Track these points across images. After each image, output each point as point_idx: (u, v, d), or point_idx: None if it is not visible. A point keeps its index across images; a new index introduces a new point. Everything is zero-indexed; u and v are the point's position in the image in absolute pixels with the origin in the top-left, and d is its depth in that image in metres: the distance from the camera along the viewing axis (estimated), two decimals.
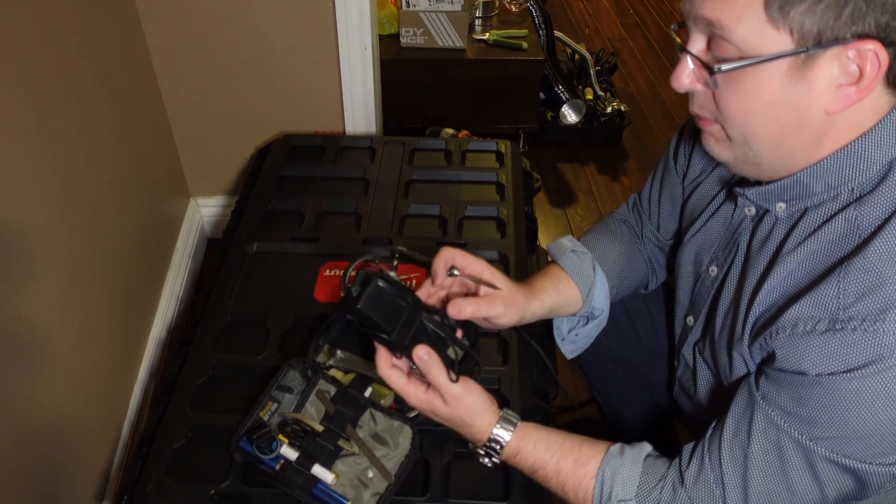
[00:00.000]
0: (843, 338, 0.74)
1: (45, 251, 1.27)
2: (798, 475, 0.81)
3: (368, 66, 1.90)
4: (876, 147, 0.77)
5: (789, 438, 0.81)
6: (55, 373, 1.28)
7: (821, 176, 0.81)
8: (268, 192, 1.59)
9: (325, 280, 1.38)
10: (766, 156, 0.82)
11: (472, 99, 2.54)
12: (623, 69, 3.25)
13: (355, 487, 1.04)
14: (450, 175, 1.66)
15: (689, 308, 1.07)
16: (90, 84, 1.50)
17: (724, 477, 0.85)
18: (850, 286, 0.75)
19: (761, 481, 0.83)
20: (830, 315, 0.76)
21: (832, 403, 0.76)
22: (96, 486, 1.45)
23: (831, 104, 0.75)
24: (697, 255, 1.04)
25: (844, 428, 0.77)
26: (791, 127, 0.78)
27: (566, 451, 0.94)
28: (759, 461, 0.83)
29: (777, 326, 0.81)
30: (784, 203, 0.86)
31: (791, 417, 0.80)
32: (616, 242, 1.21)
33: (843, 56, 0.72)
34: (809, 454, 0.80)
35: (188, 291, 2.04)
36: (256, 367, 1.21)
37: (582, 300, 1.15)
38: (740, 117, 0.80)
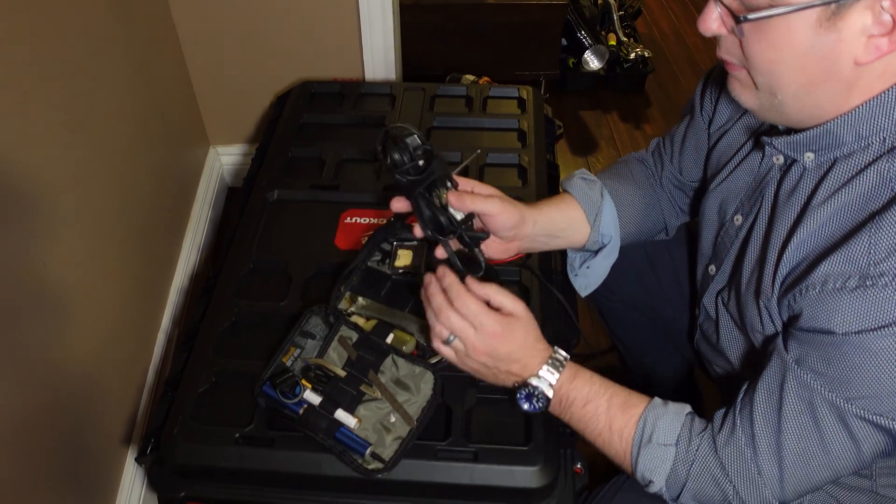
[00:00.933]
0: (873, 294, 0.73)
1: (68, 201, 1.28)
2: (833, 434, 0.81)
3: (388, 11, 1.87)
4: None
5: (822, 399, 0.80)
6: (79, 321, 1.30)
7: (851, 125, 0.79)
8: (287, 140, 1.58)
9: (346, 227, 1.37)
10: (792, 105, 0.80)
11: (493, 45, 2.50)
12: (647, 14, 3.18)
13: (378, 432, 1.05)
14: (471, 122, 1.63)
15: (712, 257, 1.05)
16: (109, 34, 1.49)
17: (756, 440, 0.85)
18: (882, 241, 0.74)
19: (796, 443, 0.83)
20: (861, 271, 0.74)
21: (864, 362, 0.75)
22: (123, 431, 1.48)
23: (862, 55, 0.73)
24: (722, 203, 1.02)
25: (877, 386, 0.76)
26: (819, 77, 0.76)
27: (617, 391, 0.95)
28: (793, 423, 0.82)
29: (807, 283, 0.80)
30: (812, 153, 0.84)
31: (823, 378, 0.79)
32: (632, 180, 1.20)
33: (876, 5, 0.69)
34: (843, 413, 0.79)
35: (209, 240, 2.05)
36: (279, 313, 1.21)
37: (589, 224, 1.14)
38: (767, 66, 0.78)
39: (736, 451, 0.86)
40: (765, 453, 0.84)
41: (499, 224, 1.05)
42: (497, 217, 1.03)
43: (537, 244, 1.13)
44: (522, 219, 1.07)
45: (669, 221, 1.23)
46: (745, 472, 0.85)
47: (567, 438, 1.08)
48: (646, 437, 0.91)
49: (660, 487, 0.91)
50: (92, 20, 1.41)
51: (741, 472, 0.86)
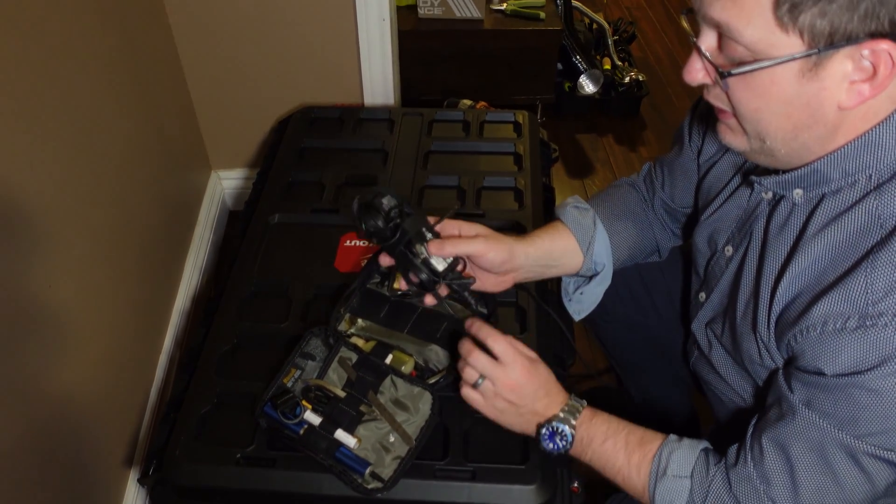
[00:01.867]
0: (874, 334, 0.75)
1: (71, 224, 1.30)
2: (846, 471, 0.82)
3: (387, 37, 1.91)
4: (893, 134, 0.77)
5: (832, 438, 0.81)
6: (82, 343, 1.32)
7: (838, 164, 0.80)
8: (288, 164, 1.61)
9: (346, 251, 1.40)
10: (780, 149, 0.82)
11: (490, 70, 2.54)
12: (641, 39, 3.22)
13: (377, 451, 1.07)
14: (468, 146, 1.66)
15: (703, 283, 1.08)
16: (112, 58, 1.52)
17: (769, 477, 0.87)
18: (878, 281, 0.75)
19: (810, 479, 0.84)
20: (860, 311, 0.76)
21: (870, 401, 0.77)
22: (125, 452, 1.49)
23: (844, 100, 0.74)
24: (713, 234, 1.04)
25: (884, 423, 0.78)
26: (804, 123, 0.78)
27: (633, 429, 0.99)
28: (804, 461, 0.84)
29: (807, 324, 0.81)
30: (801, 189, 0.86)
31: (831, 418, 0.81)
32: (623, 205, 1.22)
33: (856, 54, 0.71)
34: (854, 451, 0.81)
35: (211, 263, 2.07)
36: (280, 335, 1.23)
37: (582, 253, 1.17)
38: (753, 114, 0.80)
39: (750, 487, 0.88)
40: (779, 490, 0.87)
41: (487, 262, 1.08)
42: (484, 256, 1.07)
43: (532, 274, 1.16)
44: (511, 254, 1.10)
45: (662, 244, 1.25)
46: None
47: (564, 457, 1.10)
48: (661, 470, 0.94)
49: None
50: (95, 44, 1.44)
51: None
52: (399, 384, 1.13)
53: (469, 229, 1.09)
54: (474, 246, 1.06)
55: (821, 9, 0.69)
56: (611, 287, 1.24)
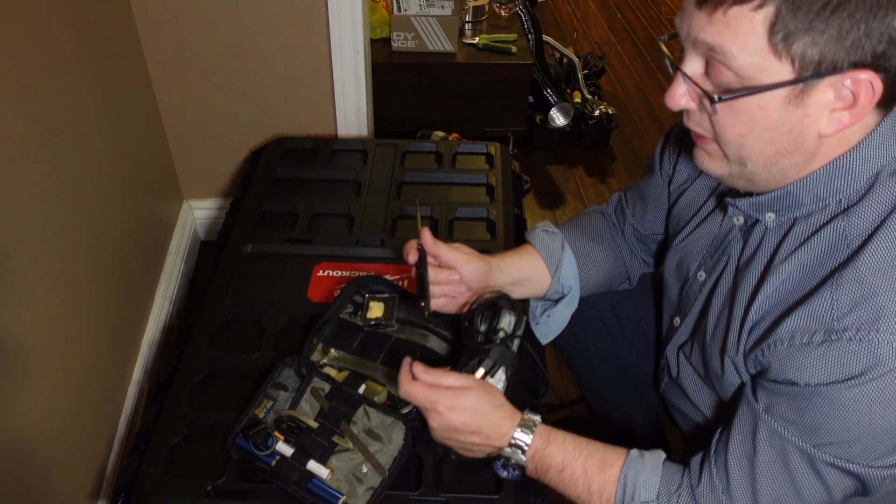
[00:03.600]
0: (839, 348, 0.77)
1: (40, 253, 1.28)
2: (804, 479, 0.84)
3: (360, 69, 1.93)
4: (863, 161, 0.80)
5: (793, 447, 0.83)
6: (49, 373, 1.30)
7: (810, 188, 0.83)
8: (262, 194, 1.61)
9: (319, 280, 1.40)
10: (760, 174, 0.84)
11: (463, 102, 2.57)
12: (611, 73, 3.29)
13: (350, 482, 1.06)
14: (440, 177, 1.68)
15: (677, 309, 1.09)
16: (84, 87, 1.51)
17: (732, 489, 0.88)
18: (843, 297, 0.77)
19: (770, 488, 0.86)
20: (825, 326, 0.78)
21: (831, 412, 0.79)
22: (92, 486, 1.46)
23: (825, 127, 0.77)
24: (684, 259, 1.06)
25: (845, 433, 0.80)
26: (786, 149, 0.80)
27: (592, 451, 0.97)
28: (766, 469, 0.86)
29: (774, 339, 0.83)
30: (773, 213, 0.88)
31: (793, 426, 0.83)
32: (593, 231, 1.25)
33: (838, 83, 0.74)
34: (814, 460, 0.83)
35: (182, 293, 2.05)
36: (252, 365, 1.22)
37: (550, 275, 1.19)
38: (737, 139, 0.81)
39: (714, 500, 0.89)
40: (741, 500, 0.88)
41: (467, 274, 1.10)
42: (465, 266, 1.09)
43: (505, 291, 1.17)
44: (489, 267, 1.13)
45: (632, 271, 1.27)
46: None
47: (538, 486, 1.10)
48: (628, 497, 0.93)
49: None
50: (68, 74, 1.44)
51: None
52: (372, 414, 1.13)
53: (450, 244, 1.12)
54: (454, 256, 1.09)
55: (812, 38, 0.71)
56: (582, 316, 1.25)
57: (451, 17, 2.40)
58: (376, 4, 2.48)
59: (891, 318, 0.74)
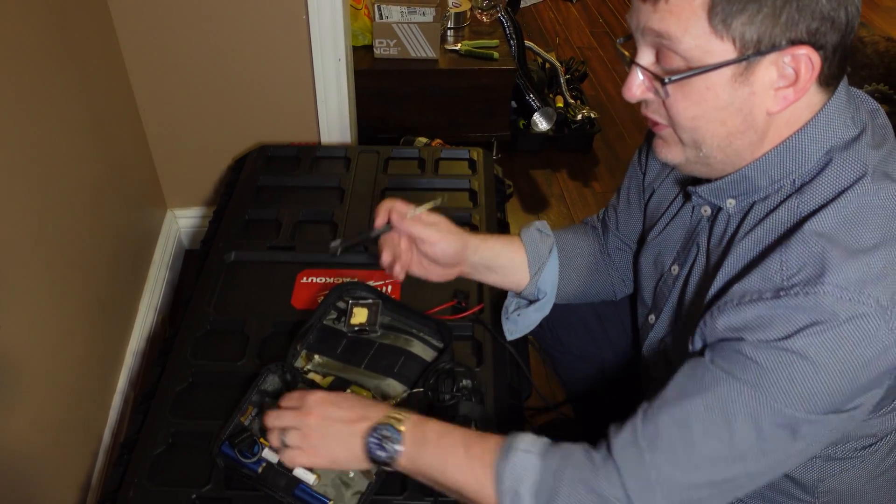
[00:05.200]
0: (786, 303, 0.78)
1: (22, 264, 1.28)
2: (742, 433, 0.81)
3: (342, 76, 1.93)
4: (811, 140, 0.83)
5: (734, 397, 0.81)
6: (33, 384, 1.29)
7: (764, 170, 0.86)
8: (245, 202, 1.61)
9: (302, 287, 1.40)
10: (715, 156, 0.87)
11: (445, 108, 2.58)
12: (593, 77, 3.31)
13: (336, 487, 1.07)
14: (423, 182, 1.69)
15: (652, 307, 1.10)
16: (66, 96, 1.51)
17: (660, 440, 0.84)
18: (792, 258, 0.80)
19: (704, 441, 0.82)
20: (775, 286, 0.80)
21: (775, 365, 0.79)
22: (76, 496, 1.46)
23: (772, 105, 0.81)
24: (659, 255, 1.08)
25: (788, 386, 0.79)
26: (738, 129, 0.83)
27: (471, 430, 0.97)
28: (703, 419, 0.82)
29: (724, 300, 0.84)
30: (734, 199, 0.91)
31: (735, 379, 0.81)
32: (585, 245, 1.25)
33: (779, 61, 0.78)
34: (754, 413, 0.80)
35: (166, 302, 2.05)
36: (236, 373, 1.23)
37: (528, 275, 1.19)
38: (690, 122, 0.85)
39: (635, 452, 0.84)
40: (668, 454, 0.83)
41: (440, 252, 1.11)
42: (437, 244, 1.10)
43: (477, 273, 1.19)
44: (464, 245, 1.13)
45: (618, 290, 1.28)
46: (642, 475, 0.84)
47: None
48: (508, 447, 0.90)
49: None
50: (49, 83, 1.44)
51: (637, 475, 0.84)
52: None
53: (429, 216, 1.12)
54: (428, 232, 1.10)
55: (749, 18, 0.76)
56: (565, 320, 1.26)
57: (432, 23, 2.41)
58: (358, 12, 2.49)
59: (835, 272, 0.76)
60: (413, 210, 1.09)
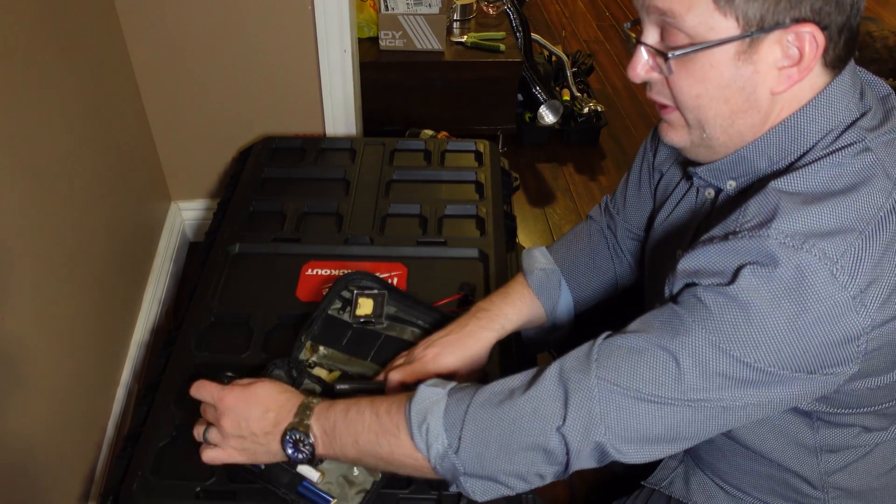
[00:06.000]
0: (731, 245, 0.79)
1: (26, 255, 1.27)
2: (687, 367, 0.80)
3: (348, 68, 1.92)
4: (810, 121, 0.83)
5: (685, 334, 0.80)
6: (36, 376, 1.29)
7: (763, 151, 0.86)
8: (249, 194, 1.60)
9: (307, 279, 1.39)
10: (718, 137, 0.87)
11: (451, 101, 2.56)
12: (599, 71, 3.29)
13: (340, 485, 1.05)
14: (429, 175, 1.68)
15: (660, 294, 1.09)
16: (70, 87, 1.50)
17: (611, 357, 0.83)
18: (749, 208, 0.81)
19: (651, 367, 0.81)
20: (726, 231, 0.81)
21: (722, 307, 0.78)
22: (80, 489, 1.45)
23: (776, 85, 0.81)
24: (667, 239, 1.07)
25: (732, 330, 0.77)
26: (741, 108, 0.83)
27: (380, 397, 0.96)
28: (654, 351, 0.81)
29: (687, 250, 0.85)
30: (734, 181, 0.91)
31: (687, 318, 0.80)
32: (587, 254, 1.24)
33: (783, 39, 0.78)
34: (701, 351, 0.79)
35: (170, 295, 2.04)
36: (240, 366, 1.21)
37: (546, 317, 1.20)
38: (693, 101, 0.84)
39: (584, 365, 0.84)
40: (613, 371, 0.82)
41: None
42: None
43: None
44: (486, 354, 1.13)
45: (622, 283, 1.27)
46: (585, 388, 0.83)
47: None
48: (414, 392, 0.91)
49: (439, 441, 0.87)
50: (53, 75, 1.43)
51: (580, 388, 0.83)
52: None
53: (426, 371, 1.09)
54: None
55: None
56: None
57: (438, 15, 2.39)
58: (364, 3, 2.47)
59: (783, 219, 0.76)
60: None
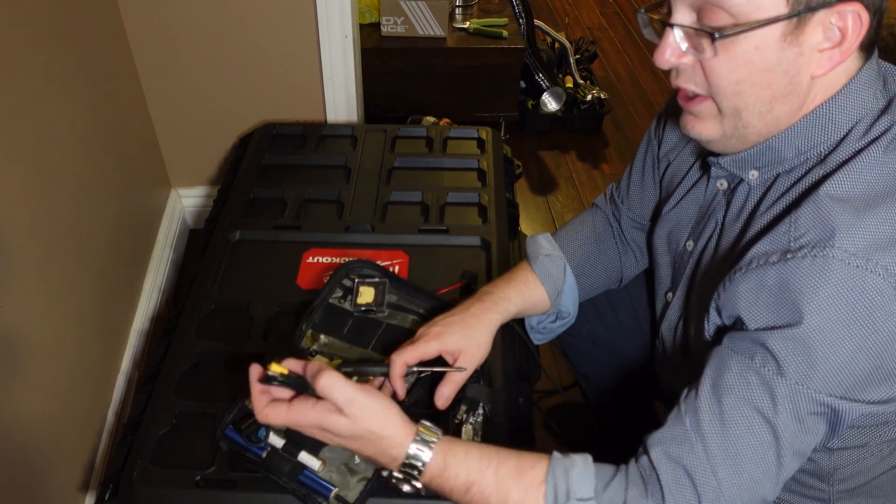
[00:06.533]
0: (793, 266, 0.76)
1: (25, 243, 1.26)
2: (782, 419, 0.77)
3: (349, 54, 1.90)
4: (841, 110, 0.81)
5: (758, 378, 0.77)
6: (36, 366, 1.28)
7: (791, 140, 0.83)
8: (250, 181, 1.59)
9: (308, 267, 1.38)
10: (755, 125, 0.83)
11: (453, 87, 2.55)
12: (603, 57, 3.27)
13: (342, 474, 1.05)
14: (431, 162, 1.66)
15: (670, 284, 1.08)
16: (69, 74, 1.49)
17: (702, 429, 0.79)
18: (801, 220, 0.78)
19: (741, 424, 0.78)
20: (782, 247, 0.78)
21: (794, 351, 0.75)
22: (81, 477, 1.45)
23: (816, 68, 0.78)
24: (673, 231, 1.05)
25: (809, 356, 0.75)
26: (782, 93, 0.80)
27: (504, 458, 0.83)
28: (734, 406, 0.78)
29: (734, 270, 0.82)
30: (756, 171, 0.88)
31: (752, 359, 0.78)
32: (592, 241, 1.23)
33: (827, 20, 0.75)
34: (773, 389, 0.77)
35: (170, 282, 2.03)
36: (240, 354, 1.21)
37: (550, 303, 1.17)
38: (733, 87, 0.80)
39: (686, 446, 0.79)
40: (710, 435, 0.78)
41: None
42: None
43: None
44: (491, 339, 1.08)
45: (627, 274, 1.26)
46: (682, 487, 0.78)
47: None
48: (561, 497, 0.79)
49: None
50: (52, 62, 1.41)
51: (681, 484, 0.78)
52: None
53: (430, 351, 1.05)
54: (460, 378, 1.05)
55: None
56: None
57: (441, 1, 2.37)
58: None
59: (844, 235, 0.74)
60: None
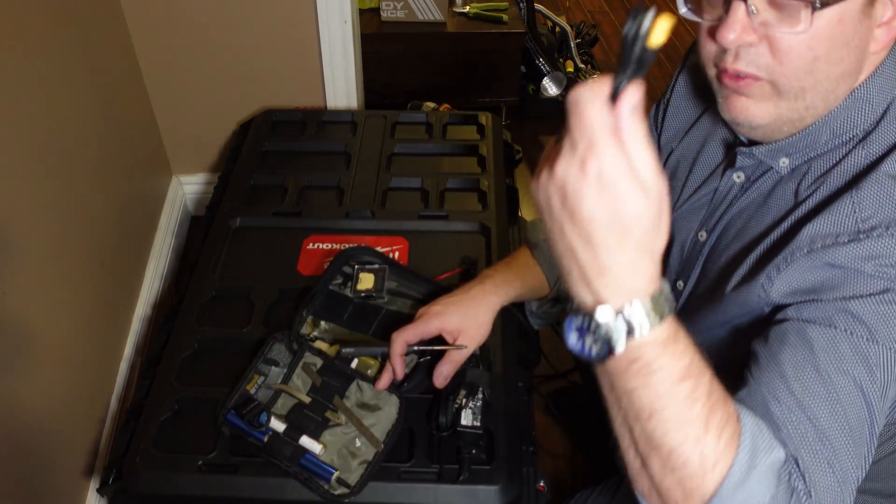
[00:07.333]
0: (869, 245, 0.72)
1: (27, 230, 1.27)
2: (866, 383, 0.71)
3: (349, 39, 1.90)
4: (878, 90, 0.78)
5: (849, 345, 0.71)
6: (40, 352, 1.29)
7: (828, 124, 0.80)
8: (250, 168, 1.59)
9: (308, 253, 1.38)
10: (817, 107, 0.79)
11: (454, 72, 2.54)
12: (604, 42, 3.25)
13: (343, 457, 1.06)
14: (431, 148, 1.66)
15: (680, 272, 1.07)
16: (70, 63, 1.49)
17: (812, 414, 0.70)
18: (865, 199, 0.74)
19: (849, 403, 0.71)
20: (850, 230, 0.74)
21: (873, 309, 0.72)
22: (84, 461, 1.46)
23: (875, 43, 0.75)
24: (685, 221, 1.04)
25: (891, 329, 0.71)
26: (849, 69, 0.76)
27: (714, 374, 0.64)
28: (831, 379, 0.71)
29: (790, 250, 0.77)
30: (787, 158, 0.84)
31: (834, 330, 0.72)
32: None
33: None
34: (867, 358, 0.71)
35: (172, 268, 2.04)
36: (242, 340, 1.21)
37: (550, 287, 1.17)
38: (808, 66, 0.75)
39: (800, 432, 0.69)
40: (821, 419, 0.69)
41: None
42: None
43: None
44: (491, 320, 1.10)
45: None
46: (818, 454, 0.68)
47: (529, 457, 1.09)
48: (750, 459, 0.64)
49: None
50: (52, 49, 1.41)
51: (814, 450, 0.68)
52: (364, 387, 1.12)
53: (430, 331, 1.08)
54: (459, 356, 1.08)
55: None
56: None
57: None
58: None
59: None
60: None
